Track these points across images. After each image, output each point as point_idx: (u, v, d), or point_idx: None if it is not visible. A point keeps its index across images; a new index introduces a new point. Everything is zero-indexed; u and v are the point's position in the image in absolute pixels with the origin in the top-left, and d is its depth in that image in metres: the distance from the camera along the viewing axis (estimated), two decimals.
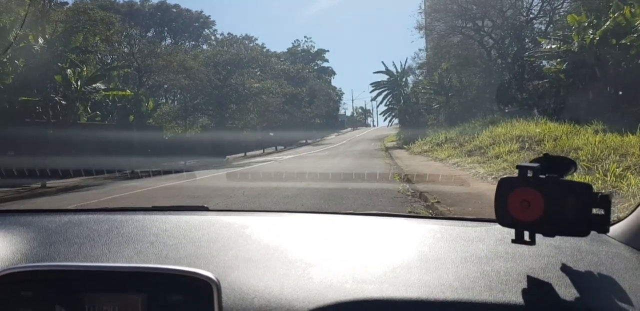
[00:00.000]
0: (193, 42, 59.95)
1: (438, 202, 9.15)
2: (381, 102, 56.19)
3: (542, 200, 1.17)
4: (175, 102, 44.21)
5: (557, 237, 1.29)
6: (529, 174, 1.21)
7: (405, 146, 34.67)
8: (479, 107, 32.02)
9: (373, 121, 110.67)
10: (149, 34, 54.83)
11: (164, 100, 44.62)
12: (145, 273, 1.17)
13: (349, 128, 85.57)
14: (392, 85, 52.83)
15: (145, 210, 2.07)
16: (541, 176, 1.21)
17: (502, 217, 1.23)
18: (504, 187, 1.23)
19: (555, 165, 1.30)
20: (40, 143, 19.17)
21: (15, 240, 1.58)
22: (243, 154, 35.30)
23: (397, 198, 10.66)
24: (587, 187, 1.18)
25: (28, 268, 1.22)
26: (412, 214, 5.91)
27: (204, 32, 63.46)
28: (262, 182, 14.89)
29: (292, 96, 47.70)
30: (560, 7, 31.96)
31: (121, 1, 55.20)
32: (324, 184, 12.91)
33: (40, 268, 1.22)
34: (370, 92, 57.70)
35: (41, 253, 1.49)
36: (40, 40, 22.71)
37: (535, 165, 1.23)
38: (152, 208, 2.09)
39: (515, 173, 1.24)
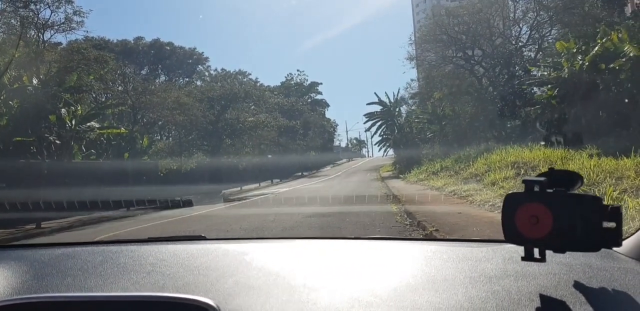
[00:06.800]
0: (187, 79, 60.34)
1: (437, 230, 9.08)
2: (375, 133, 56.79)
3: (550, 215, 1.14)
4: (170, 138, 44.22)
5: (567, 254, 1.25)
6: (536, 189, 1.18)
7: (401, 175, 34.63)
8: (473, 135, 32.15)
9: (368, 151, 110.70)
10: (143, 72, 55.22)
11: (158, 137, 44.61)
12: (142, 303, 1.12)
13: (344, 160, 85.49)
14: (385, 116, 53.30)
15: (140, 241, 2.02)
16: (548, 190, 1.18)
17: (511, 234, 1.19)
18: (511, 203, 1.19)
19: (561, 179, 1.27)
20: (34, 183, 19.03)
21: (6, 274, 1.52)
22: (239, 188, 35.15)
23: (394, 227, 10.59)
24: (597, 199, 1.15)
25: (20, 300, 1.16)
26: (415, 237, 5.84)
27: (198, 69, 63.96)
28: (258, 215, 14.79)
29: (286, 129, 47.89)
30: (548, 34, 32.55)
31: (115, 40, 55.79)
32: (320, 216, 12.84)
33: (33, 300, 1.16)
34: (364, 122, 58.22)
35: (34, 286, 1.43)
36: (35, 81, 22.82)
37: (542, 179, 1.19)
38: (148, 240, 2.04)
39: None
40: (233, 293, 1.29)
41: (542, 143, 19.01)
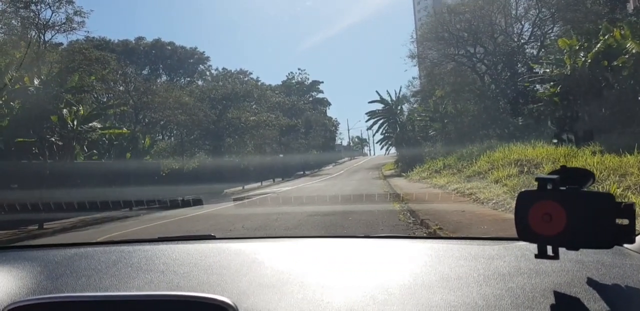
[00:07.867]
0: (188, 78, 60.35)
1: (440, 229, 9.07)
2: (377, 131, 56.61)
3: (564, 213, 1.14)
4: (172, 138, 44.26)
5: (579, 252, 1.25)
6: (549, 186, 1.18)
7: (403, 174, 34.62)
8: (475, 133, 32.09)
9: (370, 150, 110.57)
10: (145, 72, 55.28)
11: (160, 137, 44.67)
12: (158, 302, 1.12)
13: (346, 158, 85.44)
14: (387, 114, 53.21)
15: (151, 241, 2.03)
16: (561, 188, 1.18)
17: (524, 231, 1.20)
18: (524, 200, 1.19)
19: (573, 177, 1.27)
20: (36, 184, 19.03)
21: (20, 274, 1.53)
22: (241, 187, 35.18)
23: (398, 225, 10.59)
24: (610, 196, 1.15)
25: (35, 300, 1.17)
26: (426, 235, 5.82)
27: (199, 68, 64.00)
28: (261, 214, 14.79)
29: (288, 128, 47.92)
30: (550, 31, 32.44)
31: (116, 40, 55.85)
32: (323, 215, 12.84)
33: (47, 300, 1.16)
34: (366, 121, 58.18)
35: (48, 287, 1.44)
36: (36, 82, 22.81)
37: (555, 176, 1.20)
38: (159, 239, 2.05)
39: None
40: (248, 291, 1.30)
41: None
